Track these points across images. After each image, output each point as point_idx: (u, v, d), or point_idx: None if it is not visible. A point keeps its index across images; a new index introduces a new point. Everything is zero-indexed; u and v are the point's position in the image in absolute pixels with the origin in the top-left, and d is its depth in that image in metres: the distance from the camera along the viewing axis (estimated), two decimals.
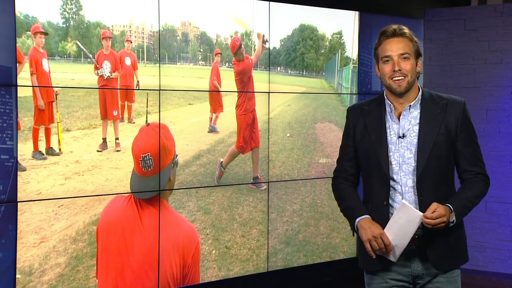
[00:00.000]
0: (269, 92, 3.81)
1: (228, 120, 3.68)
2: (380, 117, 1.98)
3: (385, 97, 2.00)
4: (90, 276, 3.12)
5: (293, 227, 3.91)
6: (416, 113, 1.95)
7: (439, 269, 1.93)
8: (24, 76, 2.93)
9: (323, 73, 4.14)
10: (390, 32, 1.93)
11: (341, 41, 4.15)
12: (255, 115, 3.77)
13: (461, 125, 1.94)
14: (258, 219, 3.76)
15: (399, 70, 1.90)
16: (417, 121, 1.94)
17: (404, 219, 1.81)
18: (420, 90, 1.98)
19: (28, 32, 2.94)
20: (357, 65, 4.16)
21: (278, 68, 3.91)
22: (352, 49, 4.16)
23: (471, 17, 4.41)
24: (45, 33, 3.00)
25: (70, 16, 3.10)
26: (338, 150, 2.13)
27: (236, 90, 3.70)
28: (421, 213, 1.81)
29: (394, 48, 1.91)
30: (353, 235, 2.01)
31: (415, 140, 1.92)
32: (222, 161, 3.65)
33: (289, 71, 4.00)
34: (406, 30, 1.94)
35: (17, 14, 2.88)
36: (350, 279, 4.07)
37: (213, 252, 3.58)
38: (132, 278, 3.20)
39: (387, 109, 1.98)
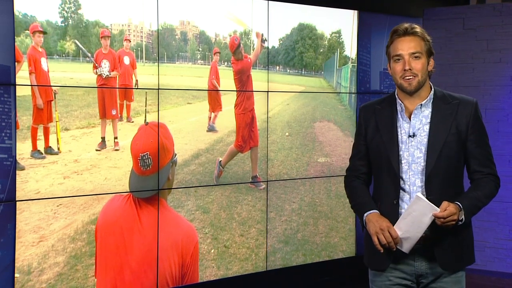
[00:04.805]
0: (268, 91, 3.80)
1: (227, 119, 3.68)
2: (391, 116, 1.98)
3: (396, 96, 1.99)
4: (89, 275, 3.12)
5: (292, 226, 3.91)
6: (427, 112, 1.94)
7: (447, 269, 1.93)
8: (22, 75, 2.93)
9: (322, 72, 4.14)
10: (402, 31, 1.91)
11: (340, 40, 4.15)
12: (254, 114, 3.76)
13: (472, 125, 1.93)
14: (257, 218, 3.76)
15: (410, 69, 1.89)
16: (428, 120, 1.93)
17: (418, 212, 1.81)
18: (433, 89, 1.97)
19: (27, 31, 2.94)
20: (356, 64, 4.16)
21: (277, 67, 3.91)
22: (351, 48, 4.16)
23: (470, 16, 4.41)
24: (44, 32, 2.99)
25: (69, 15, 3.10)
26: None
27: (235, 89, 3.70)
28: (436, 208, 1.80)
29: (405, 47, 1.90)
30: (363, 230, 2.01)
31: (425, 140, 1.92)
32: (221, 160, 3.65)
33: (288, 70, 3.99)
34: (418, 29, 1.92)
35: (16, 13, 2.88)
36: (349, 278, 4.08)
37: (212, 251, 3.58)
38: (131, 277, 3.20)
39: (398, 108, 1.98)
